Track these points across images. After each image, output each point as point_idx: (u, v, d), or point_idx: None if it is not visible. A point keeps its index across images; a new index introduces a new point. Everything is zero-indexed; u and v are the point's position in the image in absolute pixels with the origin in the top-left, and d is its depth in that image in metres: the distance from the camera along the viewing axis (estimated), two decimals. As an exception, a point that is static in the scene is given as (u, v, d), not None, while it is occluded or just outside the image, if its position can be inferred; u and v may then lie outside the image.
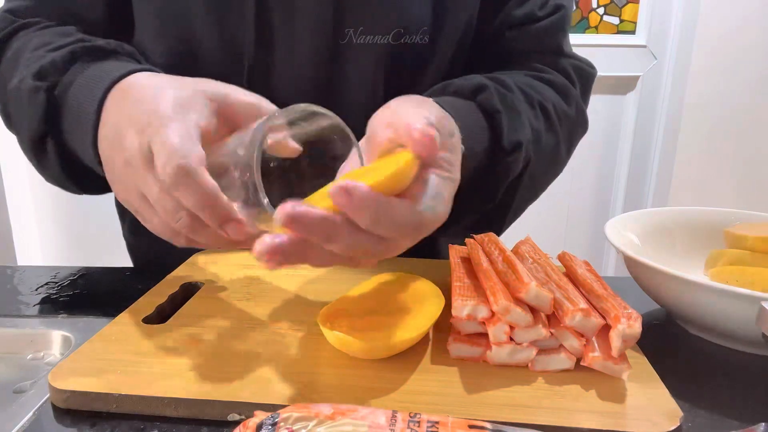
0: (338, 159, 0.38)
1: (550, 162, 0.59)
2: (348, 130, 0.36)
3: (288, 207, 0.29)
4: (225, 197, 0.35)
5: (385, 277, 0.48)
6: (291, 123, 0.38)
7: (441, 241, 0.68)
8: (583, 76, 0.63)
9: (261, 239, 0.30)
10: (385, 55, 0.56)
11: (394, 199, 0.31)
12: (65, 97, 0.46)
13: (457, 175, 0.37)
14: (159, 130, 0.35)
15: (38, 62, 0.48)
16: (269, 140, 0.37)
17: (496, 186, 0.53)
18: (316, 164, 0.39)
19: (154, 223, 0.39)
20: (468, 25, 0.59)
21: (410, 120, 0.33)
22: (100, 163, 0.43)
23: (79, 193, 0.54)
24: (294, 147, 0.39)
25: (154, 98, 0.38)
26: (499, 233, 0.60)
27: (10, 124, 0.54)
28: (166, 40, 0.56)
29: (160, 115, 0.36)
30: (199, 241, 0.38)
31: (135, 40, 0.59)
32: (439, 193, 0.34)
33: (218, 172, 0.35)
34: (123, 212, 0.71)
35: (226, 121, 0.39)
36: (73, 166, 0.50)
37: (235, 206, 0.35)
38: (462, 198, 0.52)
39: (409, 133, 0.32)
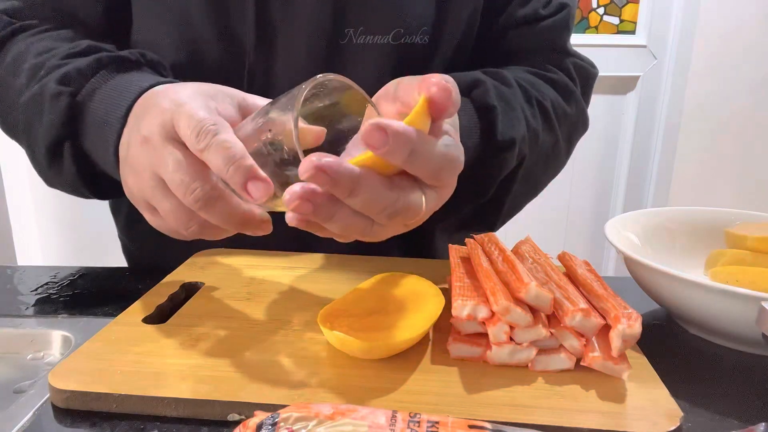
0: (353, 132, 0.39)
1: (548, 160, 0.59)
2: (369, 98, 0.37)
3: (314, 157, 0.29)
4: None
5: (384, 277, 0.48)
6: (312, 97, 0.37)
7: (440, 241, 0.68)
8: (584, 76, 0.63)
9: (291, 187, 0.30)
10: (385, 55, 0.56)
11: (424, 133, 0.32)
12: (88, 103, 0.46)
13: (461, 145, 0.37)
14: (183, 107, 0.36)
15: (60, 69, 0.48)
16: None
17: (488, 181, 0.53)
18: (331, 138, 0.40)
19: (165, 209, 0.38)
20: (469, 25, 0.59)
21: (423, 78, 0.33)
22: (118, 167, 0.43)
23: (91, 198, 0.54)
24: (318, 130, 0.39)
25: (176, 91, 0.39)
26: (493, 228, 0.60)
27: (12, 130, 0.54)
28: (165, 40, 0.56)
29: (182, 99, 0.37)
30: (212, 221, 0.37)
31: (133, 41, 0.59)
32: (454, 140, 0.35)
33: None
34: (117, 210, 0.71)
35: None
36: (86, 172, 0.50)
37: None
38: (454, 191, 0.52)
39: (427, 85, 0.32)
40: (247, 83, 0.55)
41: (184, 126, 0.35)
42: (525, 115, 0.54)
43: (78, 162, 0.49)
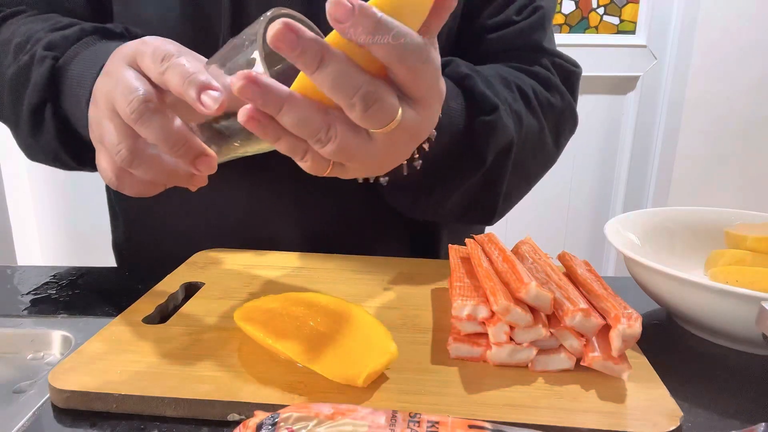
0: None
1: (536, 148, 0.58)
2: (319, 32, 0.37)
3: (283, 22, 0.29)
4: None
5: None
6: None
7: (447, 241, 0.68)
8: (565, 74, 0.62)
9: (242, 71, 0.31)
10: None
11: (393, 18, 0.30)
12: (68, 67, 0.48)
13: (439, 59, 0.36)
14: (149, 43, 0.37)
15: (45, 38, 0.50)
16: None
17: (481, 149, 0.52)
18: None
19: (106, 132, 0.37)
20: (449, 29, 0.60)
21: None
22: None
23: (72, 166, 0.55)
24: None
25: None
26: (491, 220, 0.59)
27: (1, 108, 0.55)
28: (144, 22, 0.57)
29: (149, 38, 0.38)
30: (148, 138, 0.36)
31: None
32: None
33: None
34: (115, 216, 0.71)
35: None
36: (67, 138, 0.51)
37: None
38: (450, 165, 0.52)
39: None
40: None
41: (148, 56, 0.36)
42: (505, 96, 0.53)
43: (58, 125, 0.50)
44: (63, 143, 0.51)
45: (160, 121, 0.36)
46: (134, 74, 0.37)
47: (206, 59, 0.40)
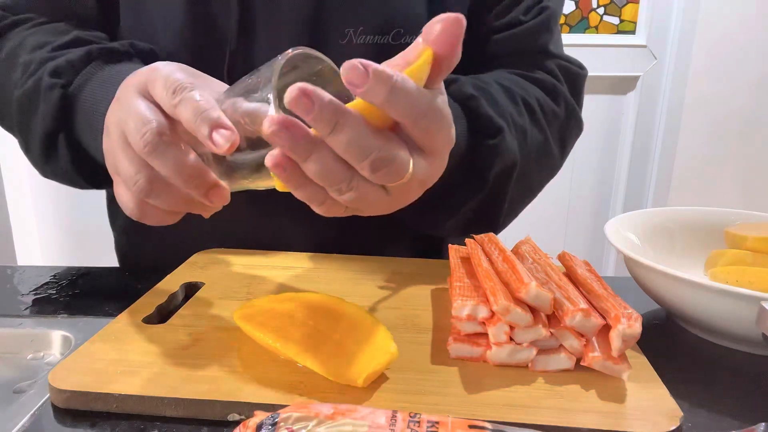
0: None
1: (541, 159, 0.58)
2: (337, 70, 0.37)
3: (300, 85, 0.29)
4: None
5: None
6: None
7: (443, 242, 0.68)
8: (571, 77, 0.62)
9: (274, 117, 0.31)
10: (371, 56, 0.56)
11: (407, 76, 0.31)
12: (79, 95, 0.48)
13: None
14: (159, 71, 0.37)
15: (52, 61, 0.49)
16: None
17: (483, 171, 0.52)
18: None
19: (121, 163, 0.37)
20: None
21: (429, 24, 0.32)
22: None
23: (87, 188, 0.55)
24: None
25: (156, 63, 0.39)
26: (496, 230, 0.59)
27: (8, 122, 0.55)
28: (151, 29, 0.57)
29: (159, 66, 0.38)
30: (161, 171, 0.36)
31: (121, 27, 0.60)
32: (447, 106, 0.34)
33: None
34: (114, 216, 0.71)
35: None
36: (81, 162, 0.51)
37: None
38: (452, 187, 0.52)
39: (431, 27, 0.32)
40: (227, 70, 0.55)
41: (160, 86, 0.36)
42: (510, 112, 0.53)
43: (72, 151, 0.50)
44: (78, 168, 0.51)
45: (174, 154, 0.36)
46: (146, 105, 0.37)
47: (215, 80, 0.40)
